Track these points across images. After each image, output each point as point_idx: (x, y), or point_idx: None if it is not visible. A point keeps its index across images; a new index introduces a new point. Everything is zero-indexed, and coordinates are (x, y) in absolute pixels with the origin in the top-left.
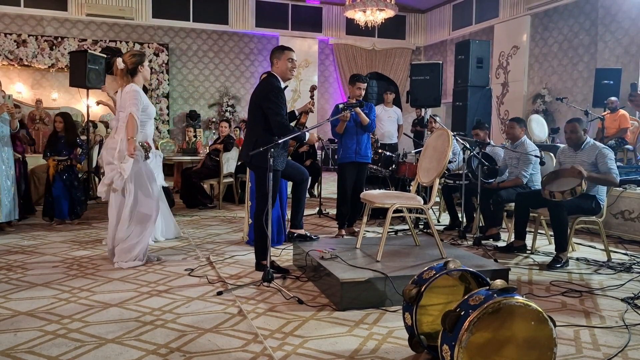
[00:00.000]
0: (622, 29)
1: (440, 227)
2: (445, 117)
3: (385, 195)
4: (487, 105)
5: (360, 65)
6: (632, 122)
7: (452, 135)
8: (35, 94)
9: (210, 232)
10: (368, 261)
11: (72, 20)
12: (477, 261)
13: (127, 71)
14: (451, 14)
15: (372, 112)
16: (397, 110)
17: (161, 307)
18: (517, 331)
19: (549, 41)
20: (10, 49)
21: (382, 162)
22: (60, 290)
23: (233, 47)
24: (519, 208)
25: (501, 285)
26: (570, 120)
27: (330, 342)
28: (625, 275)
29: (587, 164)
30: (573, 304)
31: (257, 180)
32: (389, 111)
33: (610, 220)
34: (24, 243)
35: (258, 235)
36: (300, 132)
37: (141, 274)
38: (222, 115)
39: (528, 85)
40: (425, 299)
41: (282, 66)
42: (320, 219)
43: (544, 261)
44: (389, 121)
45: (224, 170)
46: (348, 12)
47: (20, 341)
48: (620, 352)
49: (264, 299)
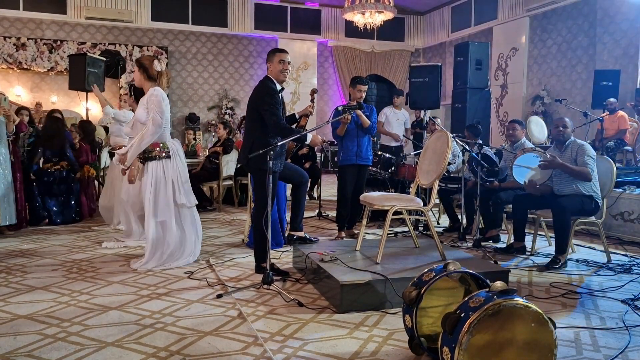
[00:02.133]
0: (621, 30)
1: (440, 229)
2: (445, 119)
3: (384, 197)
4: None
5: (359, 67)
6: (631, 124)
7: (452, 137)
8: (34, 98)
9: (209, 235)
10: (368, 263)
11: (71, 23)
12: (476, 263)
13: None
14: (450, 16)
15: (373, 115)
16: (406, 113)
17: (161, 310)
18: (518, 333)
19: (548, 43)
20: (9, 53)
21: (382, 164)
22: (59, 293)
23: (232, 49)
24: (517, 209)
25: (501, 287)
26: (560, 117)
27: (330, 345)
28: (625, 277)
29: (570, 161)
30: (573, 306)
31: (255, 182)
32: (397, 114)
33: (609, 222)
34: (23, 246)
35: (257, 238)
36: (301, 133)
37: (141, 277)
38: (221, 118)
39: (527, 87)
40: (425, 301)
41: (274, 68)
42: (320, 221)
43: (544, 263)
44: (397, 124)
45: (224, 172)
46: (347, 15)
47: (19, 345)
48: (621, 353)
49: (264, 301)
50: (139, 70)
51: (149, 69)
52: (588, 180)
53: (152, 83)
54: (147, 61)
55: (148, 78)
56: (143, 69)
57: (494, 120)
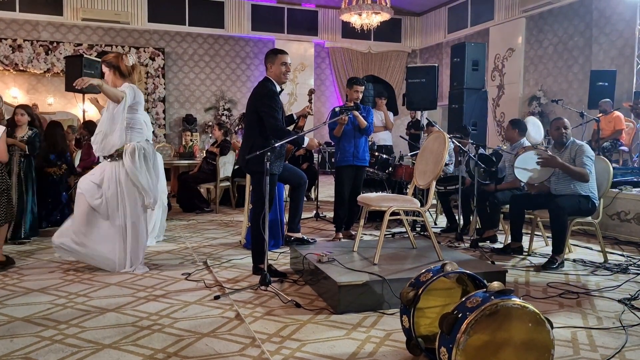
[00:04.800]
0: (617, 31)
1: (437, 230)
2: (442, 120)
3: (382, 198)
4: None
5: (356, 68)
6: (627, 124)
7: (449, 138)
8: (31, 99)
9: (207, 236)
10: (365, 264)
11: (67, 25)
12: (474, 263)
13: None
14: (446, 17)
15: (370, 115)
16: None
17: (158, 312)
18: (515, 333)
19: (544, 43)
20: (5, 54)
21: (379, 165)
22: (56, 295)
23: (229, 51)
24: (514, 210)
25: (498, 287)
26: (558, 118)
27: (328, 346)
28: (621, 277)
29: (568, 161)
30: (570, 306)
31: (254, 184)
32: (378, 114)
33: (606, 222)
34: (20, 248)
35: (255, 239)
36: (298, 135)
37: (138, 278)
38: (218, 119)
39: (523, 88)
40: (423, 301)
41: (276, 70)
42: (317, 222)
43: (541, 263)
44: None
45: (221, 174)
46: (344, 16)
47: (16, 347)
48: (618, 353)
49: (262, 302)
50: (109, 71)
51: (119, 66)
52: (585, 181)
53: (123, 80)
54: (115, 59)
55: (121, 76)
56: (113, 68)
57: (490, 121)
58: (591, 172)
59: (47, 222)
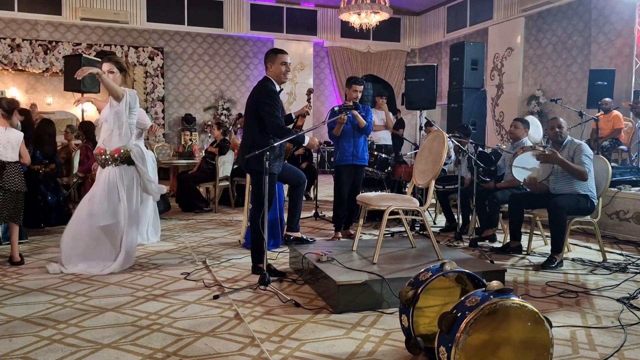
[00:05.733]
0: (615, 30)
1: (436, 229)
2: (441, 119)
3: (381, 197)
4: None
5: (355, 67)
6: (626, 123)
7: (447, 137)
8: (29, 99)
9: (206, 236)
10: (364, 263)
11: (66, 24)
12: (473, 262)
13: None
14: (445, 16)
15: (369, 115)
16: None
17: (157, 312)
18: (514, 332)
19: (543, 43)
20: (4, 54)
21: (378, 164)
22: (55, 295)
23: (228, 50)
24: (513, 209)
25: (497, 286)
26: (553, 117)
27: (327, 345)
28: (620, 276)
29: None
30: (569, 305)
31: (254, 183)
32: (378, 114)
33: (605, 221)
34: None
35: (254, 239)
36: (298, 134)
37: (137, 278)
38: (217, 119)
39: (523, 87)
40: (422, 300)
41: (276, 70)
42: (316, 221)
43: (540, 262)
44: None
45: (220, 173)
46: (343, 15)
47: (15, 347)
48: (617, 352)
49: (261, 302)
50: (120, 73)
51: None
52: (584, 179)
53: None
54: (125, 64)
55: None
56: (124, 72)
57: (489, 120)
58: (590, 170)
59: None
